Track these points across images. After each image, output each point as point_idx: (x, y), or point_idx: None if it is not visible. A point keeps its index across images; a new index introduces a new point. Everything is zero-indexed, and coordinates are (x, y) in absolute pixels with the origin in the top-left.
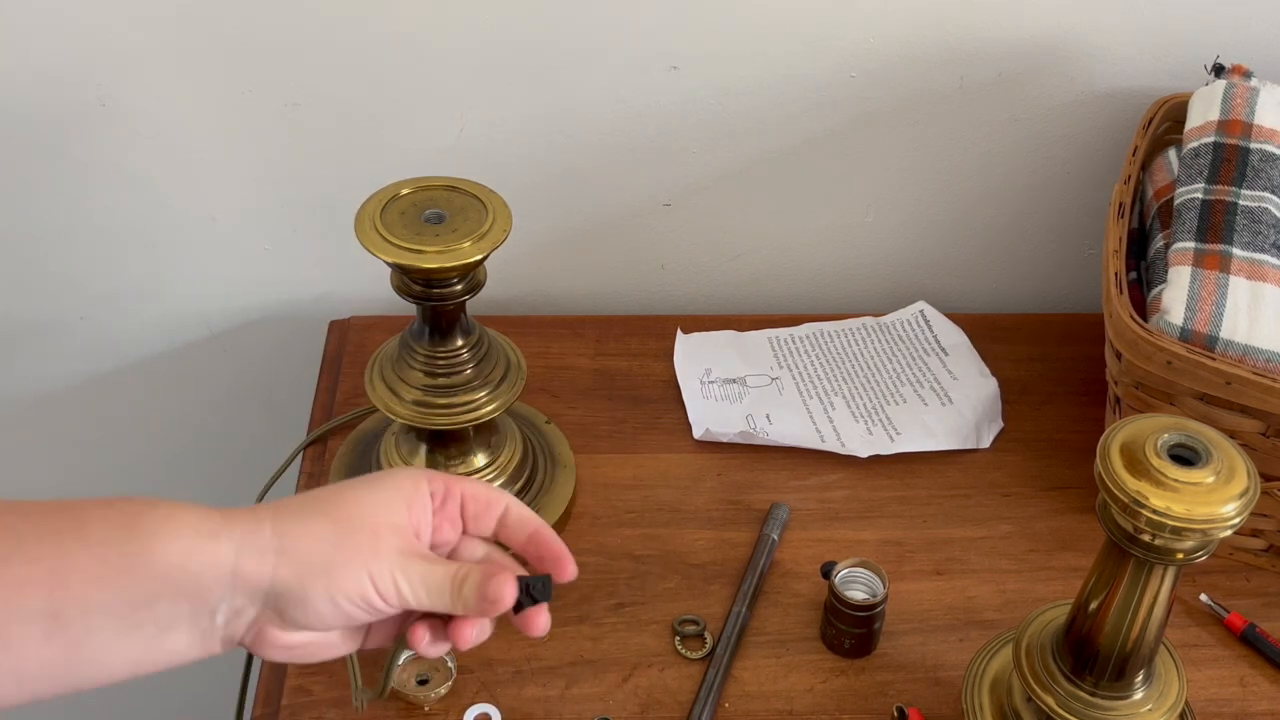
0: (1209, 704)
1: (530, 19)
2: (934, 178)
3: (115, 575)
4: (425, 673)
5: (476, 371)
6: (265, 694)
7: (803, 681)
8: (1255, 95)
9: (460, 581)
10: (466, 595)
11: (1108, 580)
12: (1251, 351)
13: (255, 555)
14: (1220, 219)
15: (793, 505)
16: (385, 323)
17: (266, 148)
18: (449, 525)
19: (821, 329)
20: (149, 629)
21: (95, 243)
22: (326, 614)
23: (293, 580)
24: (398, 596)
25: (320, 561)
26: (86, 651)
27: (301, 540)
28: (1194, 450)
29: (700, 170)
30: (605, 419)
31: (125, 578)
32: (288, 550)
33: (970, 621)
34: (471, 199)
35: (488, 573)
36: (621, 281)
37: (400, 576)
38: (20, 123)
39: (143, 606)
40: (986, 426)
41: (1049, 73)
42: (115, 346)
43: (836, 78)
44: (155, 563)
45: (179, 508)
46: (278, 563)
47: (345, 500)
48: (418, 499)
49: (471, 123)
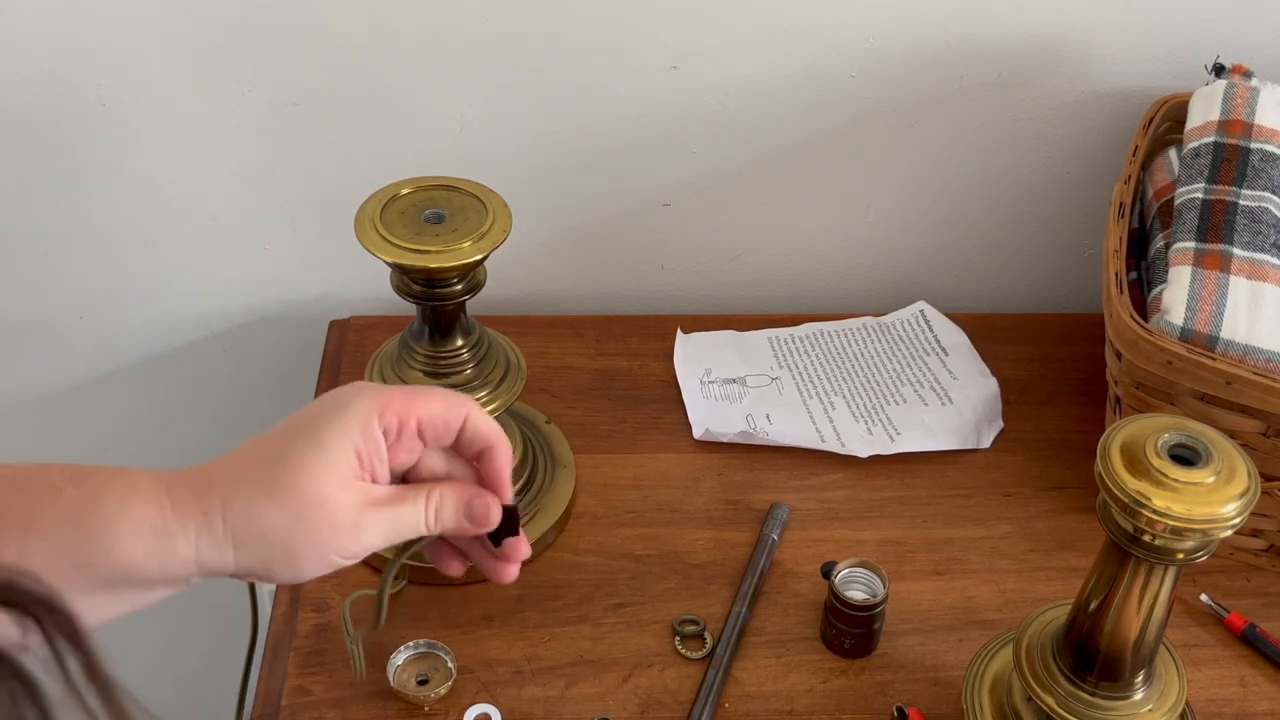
0: (1209, 704)
1: (530, 19)
2: (934, 178)
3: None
4: (425, 673)
5: (476, 371)
6: (265, 694)
7: (803, 681)
8: (1256, 95)
9: (435, 511)
10: (445, 518)
11: (1108, 580)
12: (1252, 351)
13: (214, 549)
14: (1220, 219)
15: (793, 505)
16: (385, 323)
17: (266, 148)
18: (406, 452)
19: (821, 329)
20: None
21: (95, 243)
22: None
23: (256, 565)
24: (367, 550)
25: (280, 550)
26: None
27: (256, 531)
28: (1194, 450)
29: (700, 170)
30: (605, 419)
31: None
32: (244, 542)
33: (970, 621)
34: (471, 199)
35: (463, 494)
36: (621, 281)
37: (365, 534)
38: (20, 123)
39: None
40: (986, 426)
41: (1049, 73)
42: (115, 346)
43: (836, 78)
44: (115, 563)
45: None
46: (237, 553)
47: (291, 472)
48: (368, 440)
49: (471, 123)
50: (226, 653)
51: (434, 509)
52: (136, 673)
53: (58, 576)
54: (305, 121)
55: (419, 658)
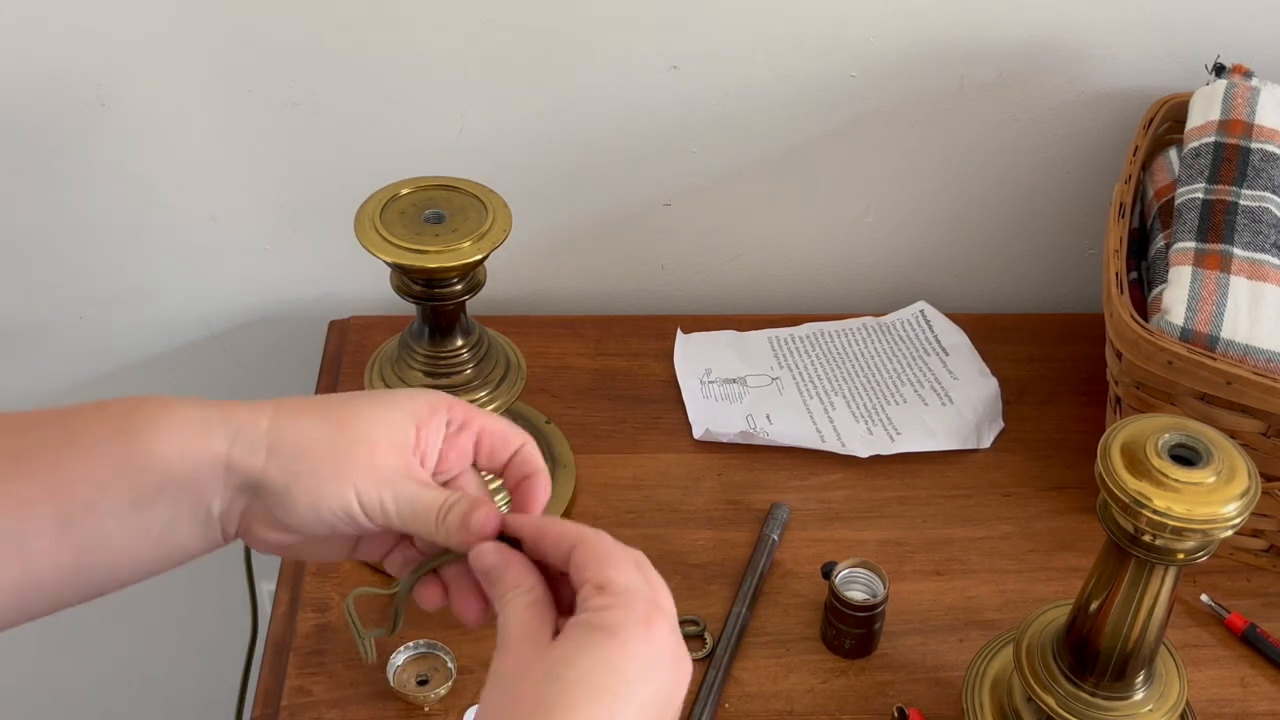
0: (1209, 704)
1: (530, 19)
2: (934, 178)
3: (115, 478)
4: (425, 673)
5: (476, 371)
6: (265, 694)
7: (803, 682)
8: (1256, 95)
9: (446, 510)
10: (450, 523)
11: (1108, 580)
12: (1252, 351)
13: (247, 448)
14: (1221, 219)
15: (793, 505)
16: (385, 323)
17: (266, 148)
18: (457, 456)
19: (821, 329)
20: (154, 526)
21: (95, 243)
22: (308, 519)
23: (279, 479)
24: (382, 515)
25: (309, 467)
26: (97, 554)
27: (296, 442)
28: (1195, 450)
29: (700, 170)
30: (605, 419)
31: (124, 480)
32: (280, 448)
33: (970, 622)
34: (471, 199)
35: (474, 503)
36: (621, 281)
37: (388, 496)
38: (20, 123)
39: (145, 505)
40: (987, 426)
41: (1049, 73)
42: (115, 346)
43: (836, 78)
44: (152, 461)
45: (175, 401)
46: (268, 459)
47: (352, 410)
48: (431, 423)
49: (471, 123)
50: (226, 653)
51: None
52: (137, 673)
53: (96, 488)
54: (305, 121)
55: (419, 658)
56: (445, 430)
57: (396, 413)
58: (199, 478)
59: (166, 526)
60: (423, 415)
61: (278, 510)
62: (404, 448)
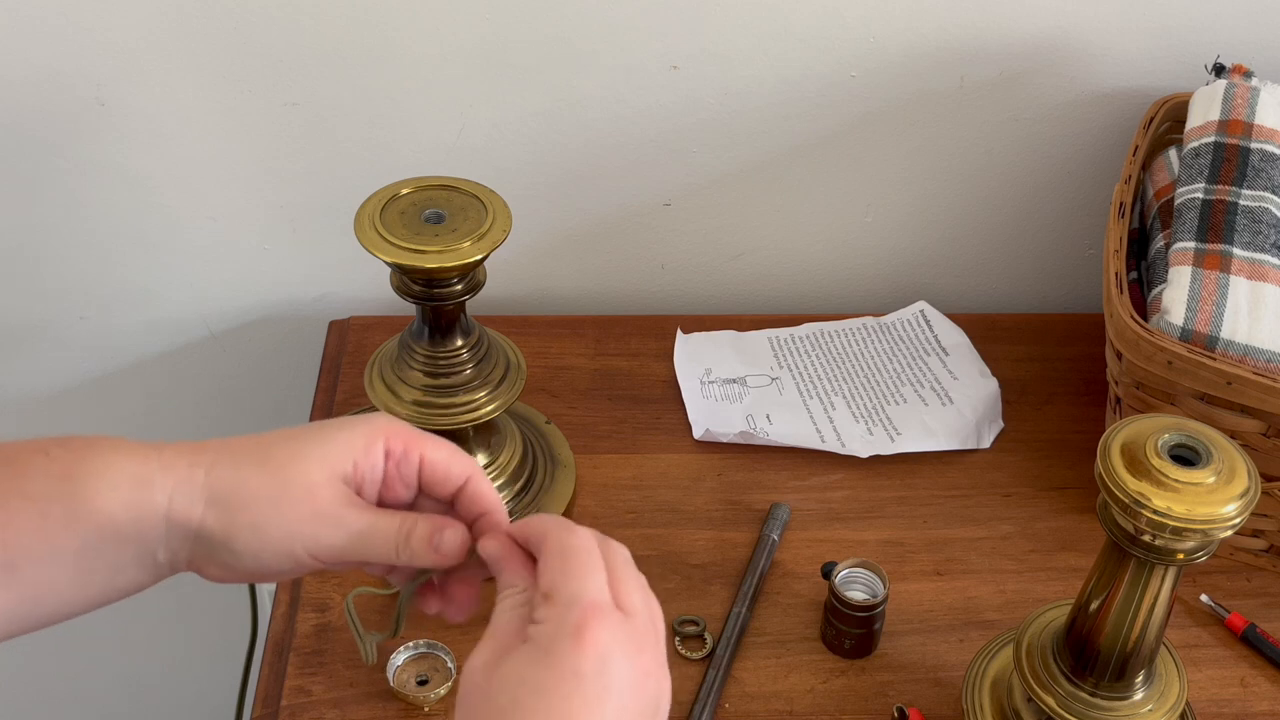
0: (1209, 704)
1: (530, 19)
2: (934, 178)
3: (60, 529)
4: (425, 673)
5: (476, 371)
6: (265, 694)
7: (803, 682)
8: (1256, 95)
9: (405, 535)
10: (415, 548)
11: (1108, 580)
12: (1252, 351)
13: (186, 501)
14: (1221, 219)
15: (793, 505)
16: (385, 323)
17: (266, 148)
18: (403, 485)
19: (821, 329)
20: (99, 573)
21: (95, 243)
22: (254, 567)
23: (218, 531)
24: (332, 553)
25: (248, 519)
26: (43, 597)
27: (236, 493)
28: (1194, 450)
29: (700, 170)
30: (605, 419)
31: (69, 531)
32: (217, 501)
33: (970, 622)
34: (471, 199)
35: (437, 525)
36: (621, 281)
37: (337, 536)
38: (20, 123)
39: (90, 554)
40: (987, 426)
41: (1049, 73)
42: (115, 346)
43: (836, 78)
44: (97, 518)
45: (117, 451)
46: (205, 512)
47: (288, 452)
48: (368, 456)
49: (471, 123)
50: (226, 653)
51: (406, 533)
52: (137, 672)
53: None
54: (305, 121)
55: (419, 658)
56: (386, 461)
57: (333, 448)
58: (142, 529)
59: (112, 573)
60: (358, 449)
61: (224, 556)
62: (343, 485)
